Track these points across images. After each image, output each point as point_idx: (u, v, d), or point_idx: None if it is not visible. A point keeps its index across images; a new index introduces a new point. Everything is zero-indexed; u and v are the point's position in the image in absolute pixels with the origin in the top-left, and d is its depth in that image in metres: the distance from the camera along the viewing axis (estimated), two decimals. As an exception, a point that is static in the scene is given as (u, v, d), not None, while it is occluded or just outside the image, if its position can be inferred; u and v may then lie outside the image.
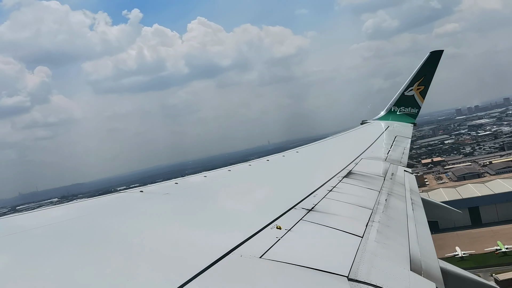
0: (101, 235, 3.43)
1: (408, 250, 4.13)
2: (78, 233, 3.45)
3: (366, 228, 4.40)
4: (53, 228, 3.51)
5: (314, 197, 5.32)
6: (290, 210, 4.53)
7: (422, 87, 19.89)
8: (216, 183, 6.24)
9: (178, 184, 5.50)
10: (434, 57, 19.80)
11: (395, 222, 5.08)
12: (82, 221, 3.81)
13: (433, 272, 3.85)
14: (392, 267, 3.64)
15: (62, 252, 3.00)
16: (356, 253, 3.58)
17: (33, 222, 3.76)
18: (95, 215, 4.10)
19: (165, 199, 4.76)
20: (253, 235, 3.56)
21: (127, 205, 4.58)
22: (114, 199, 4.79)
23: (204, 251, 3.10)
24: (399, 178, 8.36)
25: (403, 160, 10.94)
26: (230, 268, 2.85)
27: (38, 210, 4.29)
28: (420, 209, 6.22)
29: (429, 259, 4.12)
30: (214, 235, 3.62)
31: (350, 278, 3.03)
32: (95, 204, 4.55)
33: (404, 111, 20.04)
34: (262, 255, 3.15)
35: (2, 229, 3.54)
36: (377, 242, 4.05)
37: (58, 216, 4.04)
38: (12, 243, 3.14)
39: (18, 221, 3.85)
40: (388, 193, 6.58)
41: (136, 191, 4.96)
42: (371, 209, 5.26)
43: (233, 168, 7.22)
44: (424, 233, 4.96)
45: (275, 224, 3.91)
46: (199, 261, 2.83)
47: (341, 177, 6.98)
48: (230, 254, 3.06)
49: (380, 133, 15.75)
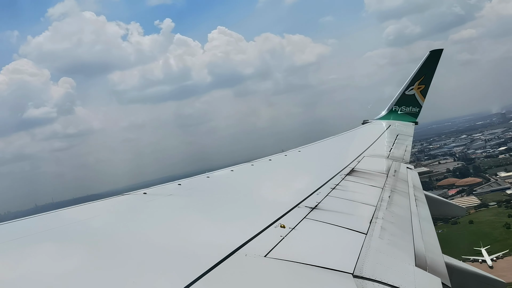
0: (106, 237, 3.44)
1: (413, 246, 4.13)
2: (83, 236, 3.46)
3: (370, 225, 4.41)
4: (57, 231, 3.53)
5: (317, 195, 5.32)
6: (293, 209, 4.54)
7: (423, 86, 19.92)
8: (219, 183, 6.24)
9: (182, 185, 5.51)
10: (434, 56, 19.85)
11: (399, 218, 5.07)
12: (86, 224, 3.82)
13: (438, 267, 3.85)
14: (397, 263, 3.64)
15: (67, 254, 3.01)
16: (361, 250, 3.58)
17: (38, 226, 3.77)
18: (100, 217, 4.11)
19: (169, 200, 4.77)
20: (258, 234, 3.56)
21: (131, 207, 4.58)
22: (118, 201, 4.79)
23: (209, 251, 3.11)
24: (402, 175, 8.36)
25: (405, 157, 10.94)
26: (235, 268, 2.86)
27: (42, 214, 4.30)
28: (423, 205, 6.22)
29: (434, 254, 4.12)
30: (219, 234, 3.62)
31: (355, 275, 3.04)
32: (99, 206, 4.56)
33: (405, 110, 20.07)
34: (266, 254, 3.16)
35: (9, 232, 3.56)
36: (381, 239, 4.05)
37: (62, 220, 4.05)
38: (18, 247, 3.15)
39: (23, 224, 3.86)
40: (391, 189, 6.57)
41: (140, 193, 4.97)
42: (375, 206, 5.26)
43: (236, 168, 7.23)
44: (429, 229, 4.96)
45: (279, 223, 3.92)
46: (205, 261, 2.84)
47: (343, 175, 6.98)
48: (235, 253, 3.07)
49: (381, 132, 15.74)
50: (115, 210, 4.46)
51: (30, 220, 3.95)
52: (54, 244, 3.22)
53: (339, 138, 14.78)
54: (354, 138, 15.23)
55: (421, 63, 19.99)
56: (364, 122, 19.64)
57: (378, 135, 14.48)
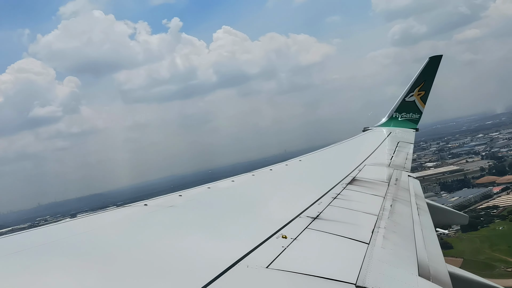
0: (107, 250, 3.42)
1: (416, 255, 4.10)
2: (83, 249, 3.43)
3: (372, 234, 4.38)
4: (57, 245, 3.51)
5: (319, 205, 5.30)
6: (295, 219, 4.52)
7: (423, 92, 19.99)
8: (220, 194, 6.23)
9: (182, 196, 5.50)
10: (433, 62, 19.94)
11: (401, 227, 5.05)
12: (86, 237, 3.80)
13: (442, 277, 3.81)
14: (400, 273, 3.61)
15: (67, 267, 2.99)
16: (363, 260, 3.55)
17: (38, 239, 3.75)
18: (101, 230, 4.09)
19: (170, 212, 4.76)
20: (259, 245, 3.54)
21: (132, 219, 4.57)
22: (118, 213, 4.78)
23: (210, 262, 3.09)
24: (404, 183, 8.34)
25: (406, 165, 10.91)
26: (237, 279, 2.84)
27: (43, 226, 4.29)
28: (425, 214, 6.19)
29: (437, 263, 4.08)
30: (220, 246, 3.60)
31: (358, 286, 3.01)
32: (100, 218, 4.55)
33: (406, 116, 20.11)
34: (268, 265, 3.13)
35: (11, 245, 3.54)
36: (383, 248, 4.02)
37: (61, 232, 4.03)
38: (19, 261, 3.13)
39: (24, 237, 3.85)
40: (393, 198, 6.55)
41: (141, 204, 4.96)
42: (377, 215, 5.23)
43: (237, 178, 7.22)
44: (431, 238, 4.93)
45: (281, 234, 3.90)
46: (206, 273, 2.82)
47: (345, 184, 6.96)
48: (236, 265, 3.05)
49: (382, 139, 15.75)
50: (116, 223, 4.45)
51: (30, 233, 3.94)
52: (54, 257, 3.20)
53: (340, 146, 14.77)
54: (355, 146, 15.22)
55: (420, 69, 20.08)
56: (364, 129, 19.67)
57: (379, 143, 14.48)
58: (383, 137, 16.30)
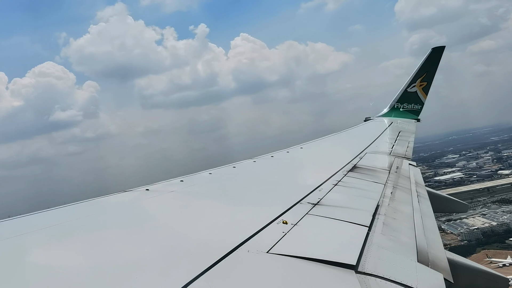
0: (108, 233, 3.45)
1: (415, 241, 4.13)
2: (85, 232, 3.46)
3: (372, 221, 4.40)
4: (58, 228, 3.53)
5: (320, 192, 5.32)
6: (296, 205, 4.54)
7: (425, 83, 19.90)
8: (221, 180, 6.25)
9: (184, 182, 5.51)
10: (436, 53, 19.81)
11: (401, 214, 5.07)
12: (87, 221, 3.82)
13: (440, 263, 3.84)
14: (399, 259, 3.63)
15: (68, 250, 3.02)
16: (363, 246, 3.57)
17: (38, 222, 3.78)
18: (103, 213, 4.12)
19: (171, 197, 4.78)
20: (260, 230, 3.57)
21: (133, 203, 4.60)
22: (120, 197, 4.81)
23: (211, 247, 3.11)
24: (404, 171, 8.35)
25: (407, 154, 10.93)
26: (237, 264, 2.86)
27: (44, 210, 4.30)
28: (426, 201, 6.21)
29: (436, 250, 4.11)
30: (221, 231, 3.63)
31: (357, 271, 3.04)
32: (102, 203, 4.57)
33: (407, 107, 20.05)
34: (269, 250, 3.16)
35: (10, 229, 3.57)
36: (383, 235, 4.05)
37: (62, 216, 4.05)
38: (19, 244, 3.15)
39: (24, 221, 3.87)
40: (394, 186, 6.57)
41: (142, 189, 4.98)
42: (377, 202, 5.25)
43: (238, 164, 7.23)
44: (431, 225, 4.95)
45: (281, 219, 3.92)
46: (207, 257, 2.84)
47: (346, 171, 6.97)
48: (237, 249, 3.07)
49: (384, 128, 15.72)
50: (117, 206, 4.47)
51: (30, 217, 3.97)
52: (54, 240, 3.23)
53: (341, 134, 14.76)
54: (356, 135, 15.22)
55: (423, 60, 19.96)
56: (366, 119, 19.64)
57: (380, 132, 14.47)
58: (385, 127, 16.28)
